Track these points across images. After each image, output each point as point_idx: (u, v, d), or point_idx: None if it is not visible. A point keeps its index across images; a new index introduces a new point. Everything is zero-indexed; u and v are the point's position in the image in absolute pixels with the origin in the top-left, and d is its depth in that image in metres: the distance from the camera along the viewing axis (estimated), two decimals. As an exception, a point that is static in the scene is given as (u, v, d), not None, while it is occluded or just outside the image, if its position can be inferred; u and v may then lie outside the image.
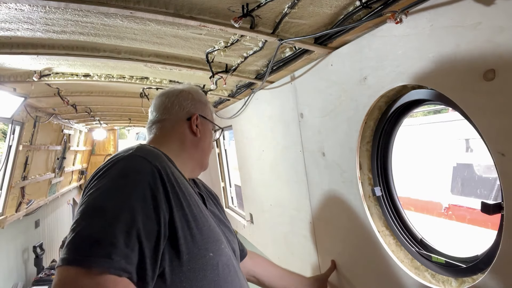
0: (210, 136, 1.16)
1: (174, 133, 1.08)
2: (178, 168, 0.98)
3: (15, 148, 3.45)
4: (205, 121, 1.14)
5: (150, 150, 0.91)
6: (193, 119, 1.10)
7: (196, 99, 1.14)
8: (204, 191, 1.15)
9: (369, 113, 1.22)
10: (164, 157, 0.94)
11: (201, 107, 1.14)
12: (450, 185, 5.27)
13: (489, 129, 0.79)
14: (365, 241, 1.33)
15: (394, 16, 0.93)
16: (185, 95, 1.13)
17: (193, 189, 1.00)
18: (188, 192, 0.90)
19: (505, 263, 0.81)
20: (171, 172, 0.87)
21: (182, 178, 0.94)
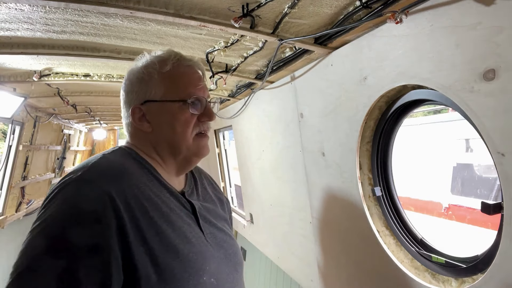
0: (175, 115, 0.86)
1: (133, 131, 0.91)
2: (157, 171, 0.86)
3: (15, 148, 3.45)
4: (154, 105, 0.86)
5: (107, 167, 0.77)
6: (131, 114, 0.88)
7: (134, 81, 0.88)
8: (204, 194, 1.01)
9: (369, 113, 1.22)
10: (132, 168, 0.81)
11: (142, 89, 0.87)
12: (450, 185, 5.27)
13: (489, 129, 0.79)
14: (365, 241, 1.33)
15: (394, 16, 0.93)
16: (126, 82, 0.92)
17: (179, 200, 0.86)
18: (162, 213, 0.77)
19: (505, 263, 0.81)
20: (134, 194, 0.74)
21: (157, 193, 0.80)
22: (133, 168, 0.82)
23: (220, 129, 3.40)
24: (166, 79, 0.87)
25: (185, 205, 0.87)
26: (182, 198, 0.88)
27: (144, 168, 0.84)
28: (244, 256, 3.51)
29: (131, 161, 0.84)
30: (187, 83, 0.88)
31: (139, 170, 0.83)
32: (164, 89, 0.86)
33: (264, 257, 2.85)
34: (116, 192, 0.71)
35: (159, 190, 0.82)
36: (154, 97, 0.87)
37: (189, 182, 0.98)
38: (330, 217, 1.57)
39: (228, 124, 2.93)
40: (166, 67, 0.87)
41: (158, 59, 0.89)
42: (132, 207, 0.72)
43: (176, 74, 0.88)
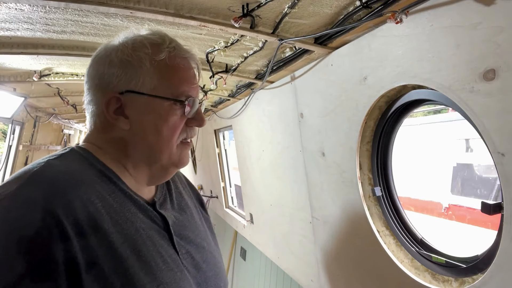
0: (164, 115, 0.71)
1: (101, 125, 0.73)
2: (122, 180, 0.70)
3: (15, 148, 3.45)
4: (139, 98, 0.70)
5: (51, 178, 0.60)
6: (105, 103, 0.70)
7: (117, 63, 0.70)
8: (179, 200, 0.86)
9: (369, 113, 1.22)
10: (87, 177, 0.65)
11: (126, 75, 0.70)
12: (450, 185, 5.27)
13: (489, 129, 0.79)
14: (365, 241, 1.33)
15: (394, 16, 0.93)
16: (102, 61, 0.73)
17: (147, 214, 0.71)
18: (126, 236, 0.62)
19: (505, 263, 0.81)
20: (88, 214, 0.59)
21: (120, 209, 0.65)
22: (88, 177, 0.65)
23: (220, 129, 3.40)
24: (159, 70, 0.71)
25: (156, 220, 0.72)
26: (151, 212, 0.72)
27: (103, 177, 0.67)
28: (244, 256, 3.51)
29: (86, 168, 0.67)
30: (183, 80, 0.73)
31: (97, 179, 0.66)
32: (156, 81, 0.70)
33: (264, 257, 2.85)
34: (64, 213, 0.55)
35: (122, 205, 0.67)
36: (141, 89, 0.69)
37: (160, 188, 0.82)
38: (330, 217, 1.57)
39: (228, 124, 2.93)
40: (160, 55, 0.70)
41: (150, 42, 0.72)
42: (86, 232, 0.57)
43: (172, 66, 0.72)
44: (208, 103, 2.96)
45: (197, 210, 0.91)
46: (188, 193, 0.93)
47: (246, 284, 3.37)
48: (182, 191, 0.90)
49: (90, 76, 0.74)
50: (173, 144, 0.73)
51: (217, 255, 0.85)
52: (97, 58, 0.75)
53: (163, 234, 0.72)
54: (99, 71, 0.72)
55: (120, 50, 0.71)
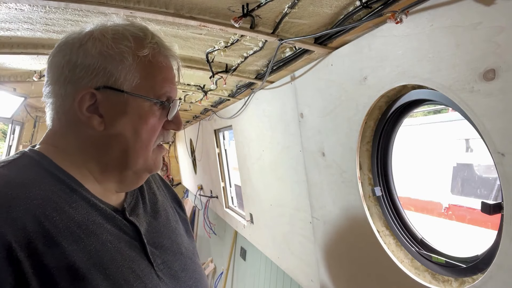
0: (144, 116, 0.65)
1: (68, 123, 0.65)
2: (83, 186, 0.62)
3: (15, 148, 3.45)
4: (117, 96, 0.63)
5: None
6: (78, 99, 0.62)
7: (95, 54, 0.62)
8: (153, 202, 0.79)
9: (369, 113, 1.22)
10: (40, 187, 0.56)
11: (105, 69, 0.62)
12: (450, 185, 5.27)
13: (489, 129, 0.79)
14: (365, 241, 1.33)
15: (394, 16, 0.93)
16: (75, 50, 0.63)
17: (115, 224, 0.64)
18: (89, 253, 0.55)
19: (505, 263, 0.81)
20: (43, 231, 0.51)
21: (81, 221, 0.58)
22: (42, 187, 0.56)
23: (220, 129, 3.40)
24: (142, 67, 0.64)
25: (125, 229, 0.65)
26: (120, 220, 0.65)
27: (62, 185, 0.59)
28: (244, 256, 3.51)
29: (40, 176, 0.58)
30: (165, 80, 0.68)
31: (53, 189, 0.58)
32: (139, 79, 0.64)
33: (264, 257, 2.85)
34: (11, 232, 0.48)
35: (85, 216, 0.59)
36: (121, 86, 0.62)
37: (130, 193, 0.74)
38: (330, 217, 1.57)
39: (228, 124, 2.93)
40: (143, 50, 0.64)
41: (132, 34, 0.65)
42: (41, 253, 0.50)
43: (155, 64, 0.66)
44: (208, 103, 2.96)
45: (173, 211, 0.84)
46: (163, 194, 0.86)
47: (246, 284, 3.37)
48: (156, 192, 0.83)
49: (55, 65, 0.64)
50: (150, 147, 0.67)
51: (196, 258, 0.79)
52: (67, 46, 0.64)
53: (135, 244, 0.65)
54: (71, 61, 0.62)
55: (98, 40, 0.62)
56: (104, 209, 0.63)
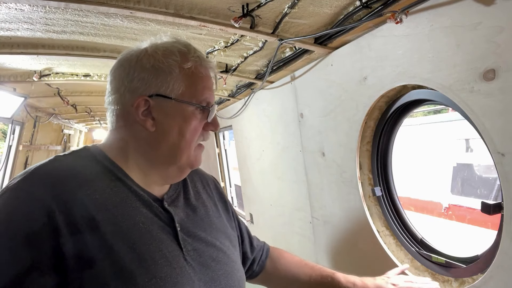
0: (188, 119, 0.76)
1: (125, 125, 0.76)
2: (129, 176, 0.73)
3: (15, 148, 3.44)
4: (167, 102, 0.74)
5: (50, 172, 0.65)
6: (136, 105, 0.73)
7: (149, 68, 0.74)
8: (196, 199, 0.87)
9: (369, 113, 1.22)
10: (89, 172, 0.69)
11: (157, 80, 0.74)
12: (450, 185, 5.27)
13: (489, 129, 0.79)
14: (365, 241, 1.33)
15: (394, 16, 0.93)
16: (133, 64, 0.76)
17: (152, 209, 0.72)
18: (120, 228, 0.65)
19: (505, 263, 0.81)
20: (83, 205, 0.62)
21: (118, 203, 0.68)
22: (91, 172, 0.69)
23: (220, 129, 3.40)
24: (187, 77, 0.76)
25: (161, 216, 0.73)
26: (156, 208, 0.74)
27: (109, 173, 0.71)
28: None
29: (91, 164, 0.71)
30: (205, 87, 0.79)
31: (101, 175, 0.70)
32: (184, 87, 0.75)
33: (264, 257, 2.85)
34: (58, 203, 0.60)
35: (124, 199, 0.69)
36: (169, 93, 0.74)
37: (175, 186, 0.84)
38: (330, 217, 1.57)
39: (228, 124, 2.93)
40: (187, 63, 0.76)
41: (178, 50, 0.77)
42: (78, 222, 0.60)
43: (197, 74, 0.77)
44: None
45: (216, 209, 0.92)
46: (209, 192, 0.95)
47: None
48: (200, 190, 0.92)
49: (117, 78, 0.78)
50: (192, 146, 0.78)
51: (233, 255, 0.84)
52: (126, 61, 0.78)
53: (167, 230, 0.73)
54: (130, 74, 0.76)
55: (151, 56, 0.75)
56: (142, 195, 0.73)
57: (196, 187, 0.91)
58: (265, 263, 1.06)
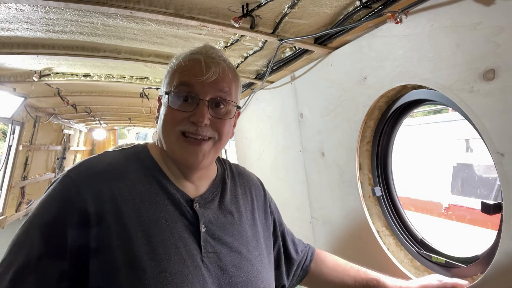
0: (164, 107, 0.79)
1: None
2: (164, 174, 0.78)
3: (15, 148, 3.44)
4: (162, 98, 0.82)
5: (94, 164, 0.74)
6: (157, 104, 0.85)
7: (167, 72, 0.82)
8: (232, 203, 0.85)
9: (369, 113, 1.22)
10: (129, 167, 0.75)
11: (168, 79, 0.81)
12: (450, 185, 5.27)
13: (488, 129, 0.79)
14: (365, 241, 1.33)
15: (394, 16, 0.93)
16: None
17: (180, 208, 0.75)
18: (142, 221, 0.69)
19: (504, 263, 0.81)
20: (113, 196, 0.68)
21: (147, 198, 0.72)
22: (130, 167, 0.76)
23: (220, 129, 3.40)
24: (172, 70, 0.79)
25: (188, 216, 0.75)
26: (185, 207, 0.75)
27: (146, 170, 0.77)
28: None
29: (133, 160, 0.78)
30: (182, 73, 0.77)
31: (137, 172, 0.75)
32: (167, 80, 0.81)
33: (264, 257, 2.84)
34: (93, 192, 0.67)
35: (153, 195, 0.73)
36: (163, 90, 0.81)
37: (212, 189, 0.84)
38: (330, 217, 1.57)
39: (228, 124, 2.92)
40: (180, 57, 0.79)
41: (187, 51, 0.82)
42: (107, 210, 0.67)
43: (181, 65, 0.78)
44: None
45: (252, 217, 0.89)
46: (249, 199, 0.91)
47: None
48: (239, 195, 0.89)
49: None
50: (170, 135, 0.76)
51: (259, 265, 0.81)
52: None
53: (192, 229, 0.74)
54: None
55: (170, 63, 0.83)
56: (174, 194, 0.76)
57: (236, 191, 0.90)
58: (309, 267, 1.04)
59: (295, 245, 1.05)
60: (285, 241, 1.01)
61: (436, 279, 0.96)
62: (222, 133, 0.79)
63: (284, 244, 1.00)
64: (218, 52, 0.80)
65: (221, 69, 0.78)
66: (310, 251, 1.07)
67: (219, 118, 0.78)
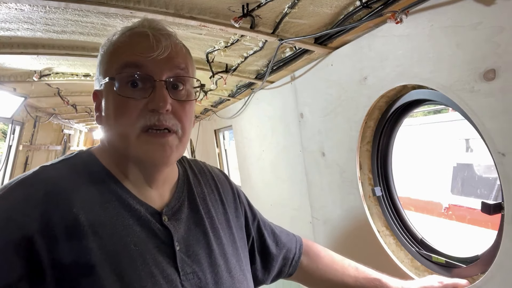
0: (108, 98, 0.64)
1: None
2: (123, 185, 0.64)
3: (15, 148, 3.44)
4: (101, 89, 0.65)
5: (36, 186, 0.57)
6: (93, 102, 0.68)
7: (99, 60, 0.67)
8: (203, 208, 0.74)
9: (369, 113, 1.22)
10: (80, 185, 0.60)
11: (100, 67, 0.66)
12: (450, 185, 5.27)
13: (489, 129, 0.79)
14: (365, 241, 1.33)
15: (394, 16, 0.92)
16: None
17: (148, 227, 0.62)
18: (107, 253, 0.56)
19: (505, 263, 0.81)
20: (67, 227, 0.54)
21: (108, 222, 0.59)
22: (80, 183, 0.60)
23: (220, 129, 3.40)
24: (111, 52, 0.64)
25: (158, 233, 0.63)
26: (154, 224, 0.63)
27: (100, 184, 0.62)
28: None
29: (81, 175, 0.62)
30: (124, 53, 0.62)
31: (91, 188, 0.60)
32: (106, 64, 0.64)
33: (264, 257, 2.84)
34: (39, 226, 0.52)
35: (113, 216, 0.59)
36: (100, 78, 0.65)
37: (178, 194, 0.72)
38: (330, 217, 1.57)
39: (228, 124, 2.92)
40: (120, 36, 0.64)
41: (124, 28, 0.66)
42: (61, 247, 0.52)
43: (123, 43, 0.63)
44: (208, 103, 2.96)
45: (226, 219, 0.78)
46: (217, 197, 0.81)
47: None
48: (207, 195, 0.78)
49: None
50: (127, 133, 0.61)
51: (238, 274, 0.73)
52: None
53: (165, 250, 0.63)
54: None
55: (102, 46, 0.67)
56: (138, 210, 0.63)
57: (202, 192, 0.78)
58: (298, 263, 0.94)
59: (276, 237, 0.93)
60: (261, 235, 0.90)
61: (437, 280, 0.94)
62: (185, 122, 0.65)
63: (261, 238, 0.90)
64: (162, 24, 0.66)
65: (173, 42, 0.64)
66: (297, 245, 0.96)
67: (180, 101, 0.64)
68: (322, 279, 0.95)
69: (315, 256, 0.98)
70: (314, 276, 0.96)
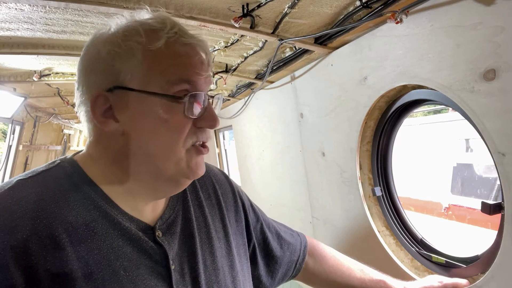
0: (162, 115, 0.56)
1: (93, 131, 0.60)
2: (112, 201, 0.57)
3: (15, 148, 3.45)
4: (128, 96, 0.56)
5: (9, 207, 0.50)
6: (91, 105, 0.57)
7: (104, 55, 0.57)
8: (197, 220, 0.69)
9: (369, 113, 1.22)
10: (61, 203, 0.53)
11: (114, 68, 0.56)
12: (450, 185, 5.27)
13: (489, 129, 0.79)
14: (365, 241, 1.33)
15: (394, 16, 0.92)
16: (89, 53, 0.60)
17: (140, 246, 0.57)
18: (94, 281, 0.51)
19: (505, 263, 0.81)
20: (46, 250, 0.48)
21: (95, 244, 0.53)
22: (60, 204, 0.53)
23: (220, 129, 3.40)
24: (152, 59, 0.55)
25: (151, 252, 0.58)
26: (146, 242, 0.58)
27: (85, 200, 0.55)
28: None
29: (63, 191, 0.55)
30: (184, 69, 0.57)
31: (74, 205, 0.54)
32: (147, 73, 0.55)
33: (264, 257, 2.84)
34: (13, 255, 0.46)
35: (102, 238, 0.54)
36: (129, 83, 0.55)
37: (172, 204, 0.67)
38: (330, 217, 1.57)
39: (228, 124, 2.92)
40: (156, 43, 0.55)
41: (146, 28, 0.57)
42: (40, 276, 0.47)
43: (169, 54, 0.56)
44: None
45: (223, 229, 0.73)
46: (214, 203, 0.75)
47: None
48: (203, 202, 0.72)
49: (79, 71, 0.60)
50: (179, 150, 0.57)
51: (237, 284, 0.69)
52: (85, 49, 0.61)
53: (158, 271, 0.58)
54: (84, 65, 0.59)
55: (109, 40, 0.58)
56: (128, 229, 0.57)
57: (198, 197, 0.72)
58: (302, 265, 0.92)
59: (281, 239, 0.90)
60: (265, 238, 0.86)
61: (437, 280, 0.93)
62: (211, 136, 0.64)
63: (265, 242, 0.86)
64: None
65: (209, 58, 0.61)
66: (302, 246, 0.94)
67: None
68: (328, 281, 0.93)
69: (320, 257, 0.95)
70: (319, 278, 0.93)
